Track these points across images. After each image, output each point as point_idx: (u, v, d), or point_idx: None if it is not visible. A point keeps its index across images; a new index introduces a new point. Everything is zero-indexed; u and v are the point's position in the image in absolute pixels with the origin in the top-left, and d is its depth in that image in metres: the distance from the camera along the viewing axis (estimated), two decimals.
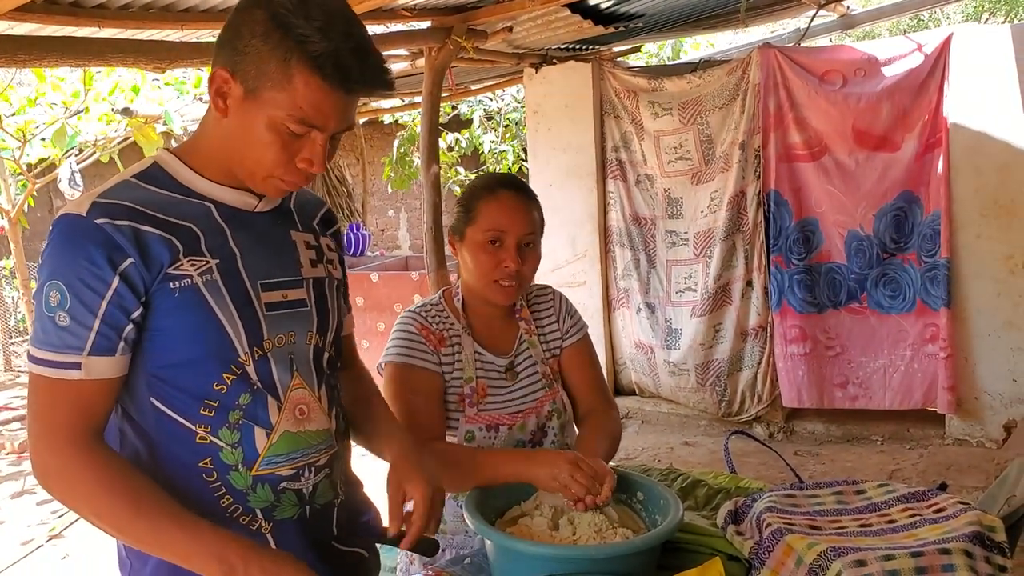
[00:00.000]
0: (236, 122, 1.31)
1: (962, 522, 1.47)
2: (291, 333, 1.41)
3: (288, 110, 1.26)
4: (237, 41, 1.28)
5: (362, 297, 6.46)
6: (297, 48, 1.24)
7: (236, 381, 1.34)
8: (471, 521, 1.54)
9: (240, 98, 1.29)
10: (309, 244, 1.50)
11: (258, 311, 1.36)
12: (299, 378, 1.42)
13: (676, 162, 5.36)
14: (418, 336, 1.92)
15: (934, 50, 4.64)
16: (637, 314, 5.67)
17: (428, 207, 4.72)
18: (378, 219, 12.70)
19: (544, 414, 1.98)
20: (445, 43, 4.44)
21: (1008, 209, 4.62)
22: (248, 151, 1.32)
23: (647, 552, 1.50)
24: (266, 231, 1.43)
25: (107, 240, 1.24)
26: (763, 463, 4.45)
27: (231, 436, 1.34)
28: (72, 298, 1.23)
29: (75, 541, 4.44)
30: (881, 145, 4.82)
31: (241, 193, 1.39)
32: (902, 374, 4.96)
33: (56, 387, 1.25)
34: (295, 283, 1.44)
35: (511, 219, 1.89)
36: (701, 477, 2.02)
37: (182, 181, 1.36)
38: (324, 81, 1.25)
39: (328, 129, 1.31)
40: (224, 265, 1.33)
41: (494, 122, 9.11)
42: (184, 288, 1.29)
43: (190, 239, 1.31)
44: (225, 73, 1.29)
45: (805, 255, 5.07)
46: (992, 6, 13.53)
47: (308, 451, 1.41)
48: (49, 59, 3.36)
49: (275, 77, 1.25)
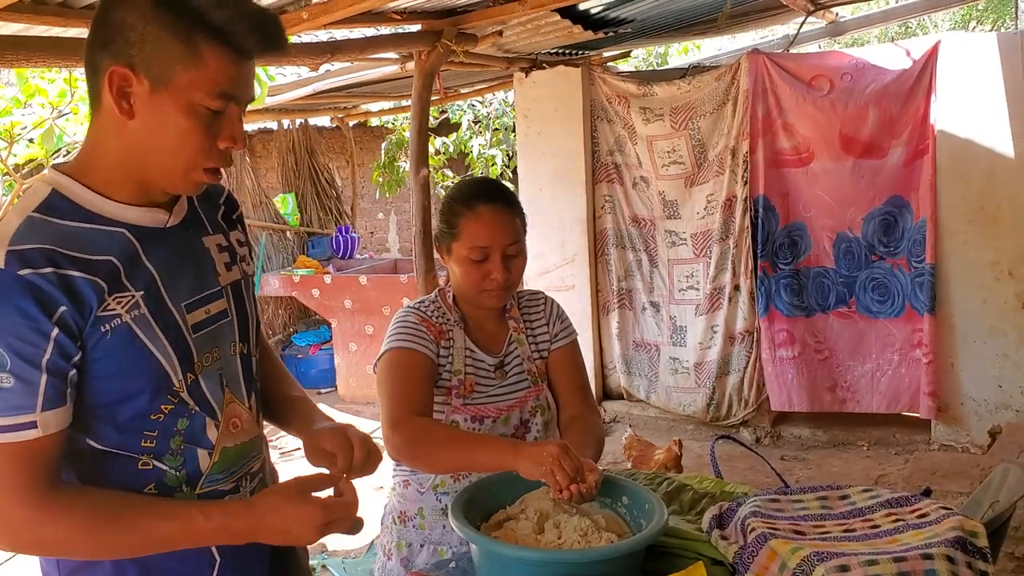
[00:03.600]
0: (145, 121, 1.23)
1: (945, 527, 1.47)
2: (215, 350, 1.39)
3: (205, 88, 1.22)
4: (126, 34, 1.20)
5: (351, 300, 6.46)
6: (197, 22, 1.19)
7: (173, 410, 1.32)
8: (456, 525, 1.54)
9: (147, 93, 1.22)
10: (221, 247, 1.47)
11: (187, 335, 1.33)
12: (230, 393, 1.42)
13: (669, 166, 5.39)
14: (420, 326, 1.95)
15: (922, 57, 4.67)
16: (642, 313, 5.71)
17: (417, 210, 4.71)
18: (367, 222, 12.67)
19: (528, 409, 2.00)
20: (435, 47, 4.44)
21: (994, 216, 4.65)
22: (164, 147, 1.25)
23: (632, 556, 1.50)
24: (180, 246, 1.37)
25: (35, 290, 1.16)
26: (749, 468, 4.46)
27: (174, 460, 1.34)
28: (12, 357, 1.16)
29: None
30: (868, 151, 4.85)
31: (150, 211, 1.32)
32: (889, 378, 5.00)
33: (11, 450, 1.18)
34: (215, 295, 1.42)
35: (494, 235, 1.91)
36: (687, 481, 2.02)
37: (88, 208, 1.26)
38: (232, 49, 1.22)
39: (243, 100, 1.28)
40: (148, 296, 1.29)
41: (482, 126, 9.11)
42: (115, 328, 1.24)
43: (111, 275, 1.24)
44: (124, 70, 1.20)
45: (791, 260, 5.12)
46: (979, 15, 13.61)
47: (244, 461, 1.43)
48: (37, 59, 3.35)
49: (183, 59, 1.20)
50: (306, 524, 1.28)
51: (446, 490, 1.96)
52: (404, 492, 2.02)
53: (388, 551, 2.03)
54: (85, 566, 1.32)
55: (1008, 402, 4.75)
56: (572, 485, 1.59)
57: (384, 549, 2.05)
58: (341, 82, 5.72)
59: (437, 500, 1.96)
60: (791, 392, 5.16)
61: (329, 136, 9.59)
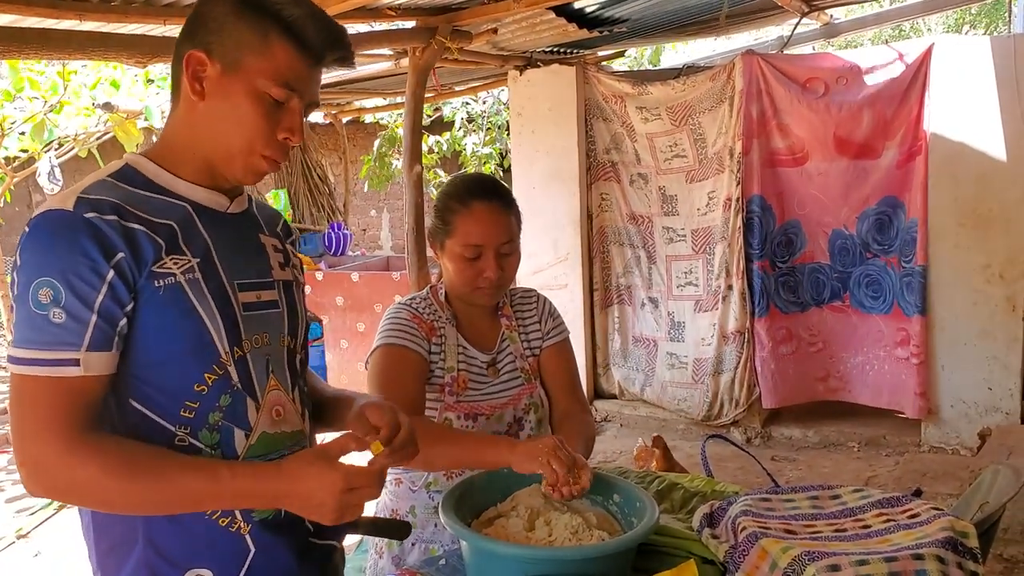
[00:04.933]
0: (214, 102, 1.33)
1: (935, 528, 1.47)
2: (265, 334, 1.42)
3: (270, 75, 1.31)
4: (208, 24, 1.32)
5: (342, 297, 6.44)
6: (273, 16, 1.31)
7: (217, 382, 1.33)
8: (447, 522, 1.53)
9: (218, 76, 1.31)
10: (276, 248, 1.53)
11: (236, 310, 1.37)
12: (275, 379, 1.43)
13: (672, 159, 5.41)
14: (411, 323, 1.94)
15: (915, 60, 4.68)
16: (641, 308, 5.74)
17: (410, 207, 4.71)
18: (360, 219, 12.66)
19: (521, 407, 2.00)
20: (429, 43, 4.43)
21: (986, 219, 4.66)
22: (228, 129, 1.33)
23: (622, 554, 1.50)
24: (238, 232, 1.44)
25: (98, 233, 1.23)
26: (740, 468, 4.47)
27: (211, 438, 1.34)
28: (67, 293, 1.20)
29: (45, 539, 4.40)
30: (862, 153, 4.89)
31: (214, 193, 1.40)
32: (877, 372, 5.09)
33: (51, 386, 1.21)
34: (268, 284, 1.46)
35: (488, 232, 1.90)
36: (677, 480, 2.02)
37: (156, 181, 1.36)
38: (298, 44, 1.32)
39: (306, 97, 1.37)
40: (204, 264, 1.34)
41: (476, 124, 9.11)
42: (168, 286, 1.28)
43: (170, 237, 1.31)
44: (200, 54, 1.31)
45: (788, 257, 5.17)
46: (973, 19, 13.67)
47: (283, 452, 1.42)
48: (28, 51, 3.33)
49: (255, 45, 1.30)
50: (327, 490, 1.27)
51: (439, 488, 1.94)
52: (396, 490, 2.01)
53: (380, 549, 2.02)
54: (121, 544, 1.33)
55: (998, 405, 4.77)
56: (565, 487, 1.59)
57: (375, 547, 2.04)
58: (335, 78, 5.71)
59: (430, 498, 1.96)
60: (785, 386, 5.20)
61: (322, 132, 9.58)
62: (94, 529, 1.35)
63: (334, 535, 1.55)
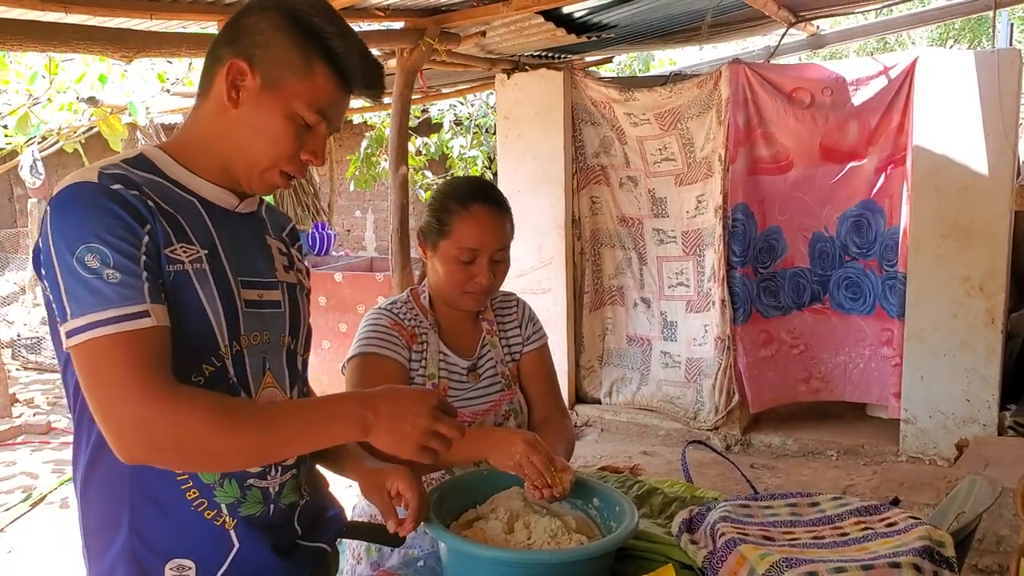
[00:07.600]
0: (247, 113, 1.34)
1: (913, 537, 1.48)
2: (265, 333, 1.42)
3: (307, 100, 1.33)
4: (255, 36, 1.33)
5: (325, 297, 6.41)
6: (321, 45, 1.34)
7: (214, 374, 1.33)
8: (426, 524, 1.53)
9: (257, 90, 1.33)
10: (281, 251, 1.54)
11: (238, 304, 1.37)
12: (271, 377, 1.43)
13: (661, 163, 5.44)
14: (391, 331, 1.92)
15: (900, 73, 4.72)
16: (634, 308, 5.77)
17: (395, 208, 4.70)
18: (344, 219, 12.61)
19: (502, 412, 1.99)
20: (418, 45, 4.43)
21: (967, 231, 4.70)
22: (256, 142, 1.35)
23: (601, 558, 1.50)
24: (245, 231, 1.45)
25: (126, 202, 1.24)
26: (719, 474, 4.48)
27: None
28: (114, 253, 1.20)
29: (18, 537, 4.35)
30: (846, 159, 5.00)
31: (224, 191, 1.41)
32: (860, 371, 5.20)
33: (130, 340, 1.19)
34: (271, 284, 1.46)
35: (485, 237, 1.89)
36: (657, 485, 2.03)
37: (169, 173, 1.36)
38: (339, 76, 1.36)
39: (333, 124, 1.40)
40: (211, 257, 1.35)
41: (463, 127, 9.10)
42: (177, 272, 1.29)
43: (179, 227, 1.32)
44: (243, 64, 1.32)
45: (769, 263, 5.24)
46: (957, 33, 13.80)
47: None
48: (12, 43, 3.31)
49: (298, 68, 1.33)
50: (420, 412, 1.32)
51: None
52: None
53: (358, 555, 1.99)
54: (107, 528, 1.33)
55: (975, 416, 4.80)
56: (547, 489, 1.59)
57: (354, 553, 2.01)
58: None
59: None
60: (768, 390, 5.26)
61: None
62: (83, 509, 1.36)
63: (323, 537, 1.54)
